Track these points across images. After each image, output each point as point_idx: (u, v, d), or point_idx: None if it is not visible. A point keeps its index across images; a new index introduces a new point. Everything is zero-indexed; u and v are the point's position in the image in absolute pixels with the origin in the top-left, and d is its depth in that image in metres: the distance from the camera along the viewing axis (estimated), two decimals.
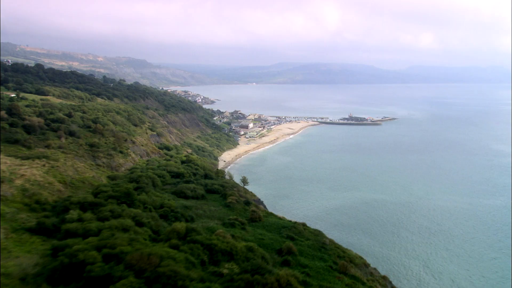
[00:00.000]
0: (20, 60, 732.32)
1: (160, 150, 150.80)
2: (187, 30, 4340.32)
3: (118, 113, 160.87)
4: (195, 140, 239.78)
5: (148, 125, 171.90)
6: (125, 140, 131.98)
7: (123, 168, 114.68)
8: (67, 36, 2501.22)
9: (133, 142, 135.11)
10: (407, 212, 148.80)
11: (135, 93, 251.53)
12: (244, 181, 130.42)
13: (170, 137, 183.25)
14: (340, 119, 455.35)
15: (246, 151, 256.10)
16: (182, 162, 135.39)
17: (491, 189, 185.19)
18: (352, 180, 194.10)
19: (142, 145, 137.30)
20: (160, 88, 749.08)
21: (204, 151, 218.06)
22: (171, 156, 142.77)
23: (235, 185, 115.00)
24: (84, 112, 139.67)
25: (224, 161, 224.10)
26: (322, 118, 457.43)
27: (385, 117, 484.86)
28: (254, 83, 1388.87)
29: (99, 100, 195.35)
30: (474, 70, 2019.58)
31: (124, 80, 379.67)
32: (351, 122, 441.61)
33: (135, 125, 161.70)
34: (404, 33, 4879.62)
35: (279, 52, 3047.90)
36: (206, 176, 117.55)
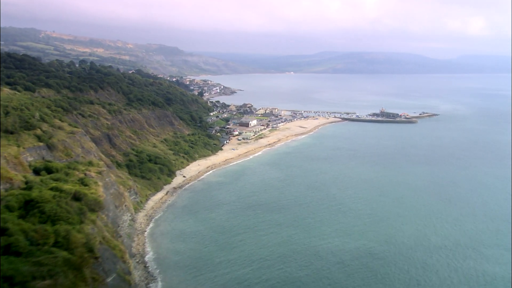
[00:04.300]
0: (39, 46, 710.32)
1: (29, 176, 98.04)
2: (216, 16, 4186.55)
3: None
4: (154, 146, 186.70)
5: (42, 132, 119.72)
6: None
7: None
8: (100, 24, 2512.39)
9: None
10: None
11: (85, 82, 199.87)
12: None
13: (83, 147, 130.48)
14: (369, 115, 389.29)
15: (225, 160, 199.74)
16: (26, 202, 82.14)
17: None
18: (331, 212, 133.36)
19: None
20: (185, 76, 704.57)
21: (157, 162, 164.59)
22: (29, 188, 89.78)
23: (54, 268, 59.88)
24: None
25: (184, 176, 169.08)
26: (348, 114, 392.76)
27: (423, 113, 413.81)
28: (292, 72, 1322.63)
29: (6, 91, 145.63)
30: None
31: (104, 67, 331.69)
32: (381, 119, 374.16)
33: (10, 133, 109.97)
34: (451, 18, 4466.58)
35: (320, 40, 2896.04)
36: (7, 249, 63.06)
